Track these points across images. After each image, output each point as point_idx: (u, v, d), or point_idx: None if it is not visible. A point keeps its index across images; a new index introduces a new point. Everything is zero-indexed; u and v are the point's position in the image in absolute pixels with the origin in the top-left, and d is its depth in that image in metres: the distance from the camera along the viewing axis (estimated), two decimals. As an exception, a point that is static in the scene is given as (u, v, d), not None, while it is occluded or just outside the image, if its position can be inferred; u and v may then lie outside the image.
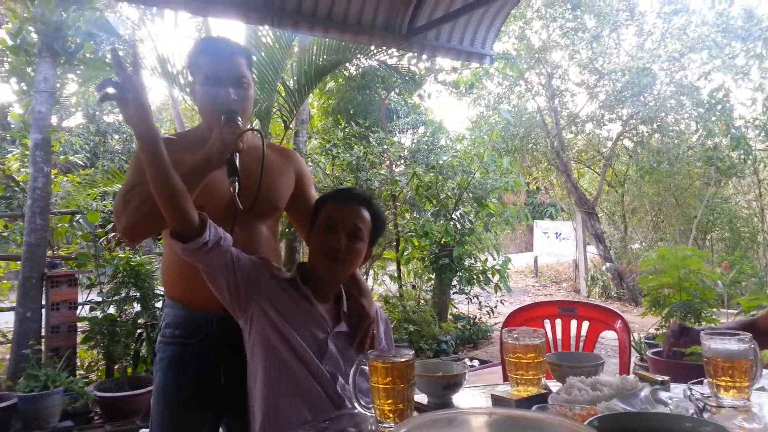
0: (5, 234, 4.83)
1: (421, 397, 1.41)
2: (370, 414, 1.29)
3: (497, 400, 1.34)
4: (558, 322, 2.54)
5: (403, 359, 1.22)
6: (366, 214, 1.66)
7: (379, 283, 6.97)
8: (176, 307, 1.74)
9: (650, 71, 10.47)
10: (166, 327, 1.75)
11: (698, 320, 4.43)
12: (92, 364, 5.03)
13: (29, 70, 4.59)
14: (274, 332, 1.53)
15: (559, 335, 2.51)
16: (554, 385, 1.50)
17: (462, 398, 1.46)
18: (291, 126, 5.80)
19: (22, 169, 5.13)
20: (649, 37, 11.29)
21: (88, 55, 4.91)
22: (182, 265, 1.59)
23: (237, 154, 1.53)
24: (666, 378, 1.43)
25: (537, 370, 1.43)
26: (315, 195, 1.91)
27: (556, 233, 12.69)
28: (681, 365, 4.32)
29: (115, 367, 4.75)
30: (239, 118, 1.58)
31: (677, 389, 1.44)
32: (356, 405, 1.33)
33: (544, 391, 1.37)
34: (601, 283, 11.06)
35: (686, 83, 10.60)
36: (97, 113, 14.03)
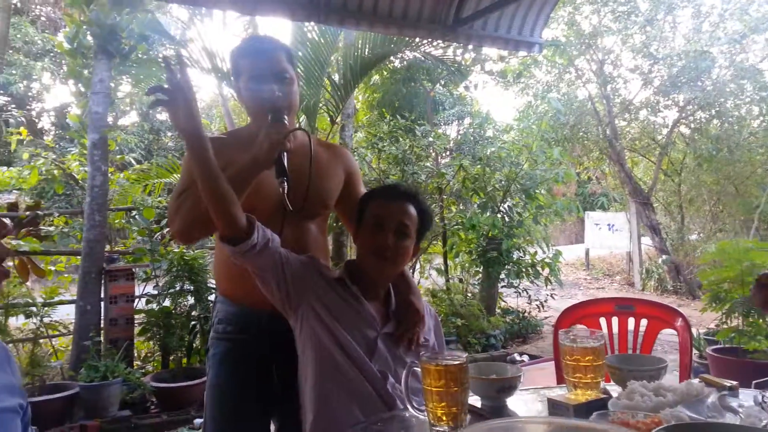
0: (66, 230, 5.02)
1: (474, 399, 1.38)
2: (422, 416, 1.27)
3: (554, 405, 1.29)
4: (614, 319, 2.45)
5: (457, 362, 1.19)
6: (413, 210, 1.64)
7: (426, 276, 6.94)
8: (228, 303, 1.76)
9: (708, 54, 10.02)
10: (218, 323, 1.77)
11: (762, 317, 4.23)
12: (149, 355, 5.20)
13: (86, 72, 4.74)
14: (324, 331, 1.52)
15: (615, 333, 2.42)
16: (613, 389, 1.44)
17: (517, 401, 1.42)
18: (337, 121, 5.82)
19: (81, 168, 5.33)
20: (706, 19, 10.79)
21: (141, 55, 5.05)
22: (233, 262, 1.60)
23: (285, 153, 1.53)
24: (734, 383, 1.36)
25: (596, 374, 1.38)
26: (364, 191, 1.89)
27: (609, 224, 12.32)
28: (744, 363, 4.13)
29: (170, 358, 4.90)
30: (285, 117, 1.59)
31: (745, 394, 1.36)
32: (408, 407, 1.31)
33: (603, 396, 1.32)
34: (657, 276, 10.70)
35: (747, 66, 10.08)
36: (150, 111, 14.44)
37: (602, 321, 2.45)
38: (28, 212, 4.82)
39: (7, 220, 3.49)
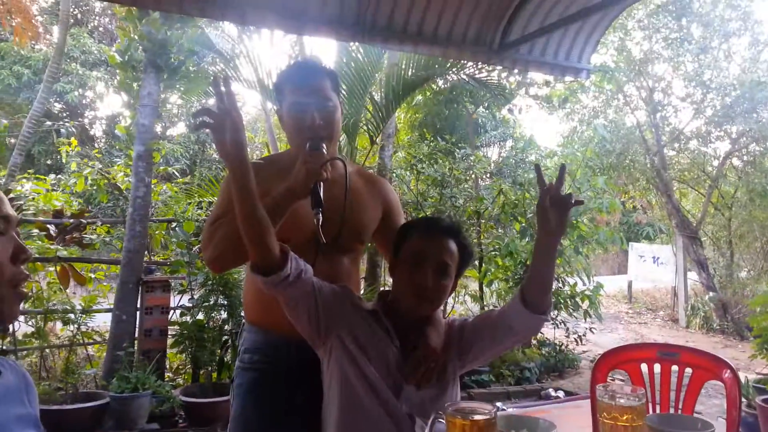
0: (107, 239, 5.12)
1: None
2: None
3: (588, 470, 1.19)
4: (657, 366, 2.31)
5: (484, 417, 1.11)
6: (453, 247, 1.56)
7: (461, 302, 6.80)
8: (254, 332, 1.72)
9: (766, 85, 9.65)
10: (244, 352, 1.73)
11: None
12: (180, 367, 5.22)
13: (135, 85, 4.86)
14: (352, 366, 1.47)
15: (657, 380, 2.28)
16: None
17: (548, 461, 1.33)
18: (377, 141, 5.80)
19: (125, 178, 5.44)
20: (765, 48, 10.42)
21: (191, 68, 5.16)
22: (262, 290, 1.57)
23: (321, 184, 1.50)
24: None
25: (635, 435, 1.27)
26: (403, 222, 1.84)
27: (654, 257, 11.91)
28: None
29: (201, 372, 4.91)
30: (324, 146, 1.55)
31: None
32: (431, 462, 1.24)
33: (643, 462, 1.22)
34: (703, 314, 10.25)
35: (807, 98, 9.66)
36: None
37: (644, 367, 2.31)
38: (72, 220, 4.94)
39: (51, 227, 3.54)
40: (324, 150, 1.54)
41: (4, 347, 4.41)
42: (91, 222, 5.18)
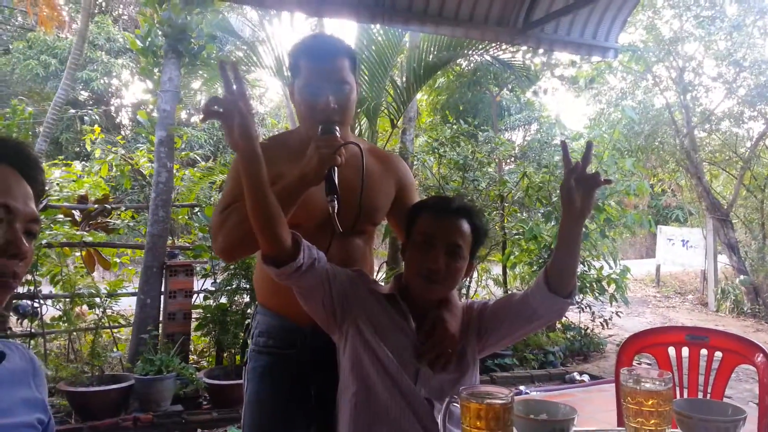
0: (131, 224, 5.18)
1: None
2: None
3: (611, 456, 1.15)
4: (685, 350, 2.24)
5: (500, 401, 1.07)
6: (466, 227, 1.50)
7: (483, 286, 6.74)
8: (269, 315, 1.69)
9: (803, 62, 9.30)
10: (258, 336, 1.70)
11: None
12: (204, 350, 5.28)
13: (156, 71, 4.87)
14: (367, 351, 1.44)
15: (685, 367, 2.21)
16: (681, 439, 1.28)
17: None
18: (398, 124, 5.73)
19: (148, 164, 5.49)
20: (802, 24, 10.04)
21: (213, 54, 5.15)
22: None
23: (335, 169, 1.44)
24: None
25: (660, 420, 1.22)
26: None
27: (683, 240, 11.64)
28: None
29: (224, 355, 4.95)
30: (337, 129, 1.48)
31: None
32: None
33: (668, 449, 1.16)
34: (733, 297, 10.02)
35: None
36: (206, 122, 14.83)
37: (671, 350, 2.24)
38: (96, 205, 5.00)
39: (76, 213, 3.57)
40: (337, 133, 1.48)
41: (32, 330, 4.51)
42: (115, 207, 5.24)
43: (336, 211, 1.42)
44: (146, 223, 5.07)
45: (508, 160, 9.01)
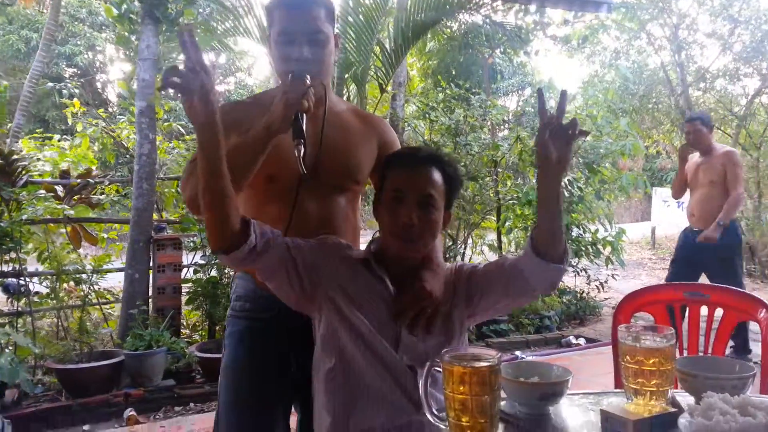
0: (115, 198, 5.05)
1: (511, 406, 1.16)
2: (444, 426, 1.07)
3: (609, 420, 1.06)
4: (684, 309, 2.16)
5: (486, 363, 0.98)
6: (437, 176, 1.40)
7: (478, 252, 6.66)
8: (246, 279, 1.62)
9: (800, 17, 9.12)
10: (236, 299, 1.64)
11: None
12: (197, 324, 5.21)
13: (133, 38, 4.68)
14: (342, 323, 1.35)
15: (685, 327, 2.13)
16: (684, 398, 1.19)
17: (562, 411, 1.19)
18: (387, 89, 5.57)
19: (131, 137, 5.33)
20: (800, -23, 9.82)
21: (191, 19, 4.94)
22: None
23: (304, 115, 1.36)
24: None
25: (662, 380, 1.13)
26: None
27: (678, 202, 11.55)
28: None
29: (216, 328, 4.88)
30: (308, 77, 1.40)
31: None
32: (427, 414, 1.11)
33: (671, 410, 1.08)
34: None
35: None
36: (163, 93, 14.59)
37: (670, 310, 2.16)
38: (79, 180, 4.86)
39: (59, 188, 3.45)
40: (308, 80, 1.39)
41: (19, 309, 4.42)
42: (99, 182, 5.10)
43: (302, 154, 1.34)
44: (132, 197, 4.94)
45: (502, 127, 8.85)
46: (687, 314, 2.15)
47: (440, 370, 1.01)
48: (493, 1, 5.11)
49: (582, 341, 5.28)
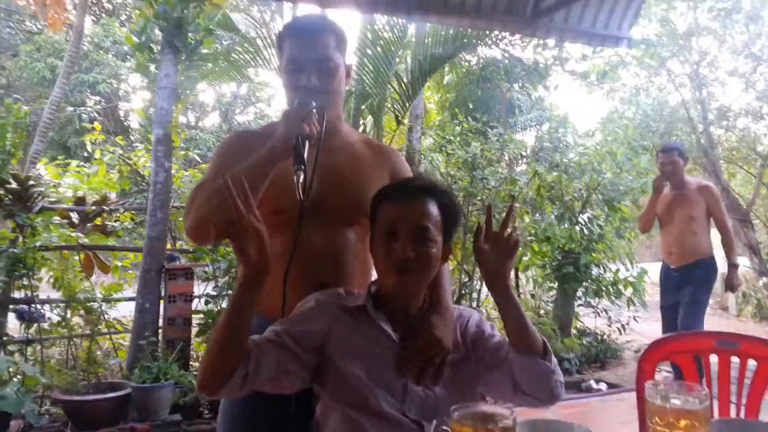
0: (129, 226, 5.04)
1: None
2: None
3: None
4: (713, 357, 2.03)
5: (500, 425, 0.88)
6: (432, 208, 1.31)
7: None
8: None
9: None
10: None
11: None
12: (206, 356, 5.11)
13: (153, 67, 4.73)
14: (346, 380, 1.26)
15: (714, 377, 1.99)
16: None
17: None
18: (404, 121, 5.55)
19: (147, 164, 5.34)
20: (823, 15, 9.75)
21: (210, 49, 5.00)
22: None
23: (306, 141, 1.31)
24: None
25: (696, 446, 1.02)
26: None
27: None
28: None
29: (226, 362, 4.78)
30: (313, 102, 1.37)
31: None
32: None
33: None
34: (755, 301, 9.68)
35: None
36: (229, 113, 14.81)
37: (699, 359, 2.03)
38: (94, 207, 4.87)
39: (74, 215, 3.43)
40: (313, 105, 1.35)
41: (29, 336, 4.37)
42: (114, 210, 5.10)
43: (300, 181, 1.29)
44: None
45: (519, 161, 8.78)
46: (717, 364, 2.02)
47: (448, 429, 0.92)
48: (511, 35, 5.08)
49: (603, 386, 5.08)
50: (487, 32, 5.17)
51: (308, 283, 1.41)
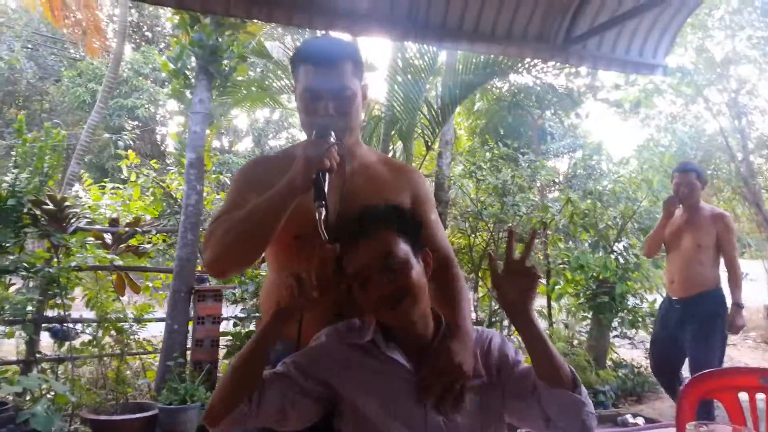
0: (161, 248, 5.10)
1: None
2: None
3: None
4: (759, 395, 1.92)
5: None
6: (386, 237, 1.26)
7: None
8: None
9: None
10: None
11: None
12: (233, 379, 5.10)
13: (187, 92, 4.84)
14: (363, 420, 1.23)
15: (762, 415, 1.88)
16: None
17: None
18: (434, 147, 5.53)
19: (180, 187, 5.43)
20: None
21: (244, 76, 5.10)
22: (282, 295, 1.37)
23: (326, 175, 1.28)
24: None
25: (744, 493, 0.95)
26: (436, 220, 1.58)
27: (743, 273, 10.97)
28: None
29: (253, 385, 4.76)
30: (332, 133, 1.34)
31: None
32: None
33: None
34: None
35: None
36: (261, 138, 15.07)
37: (742, 396, 1.92)
38: (127, 228, 4.95)
39: (107, 236, 3.49)
40: (332, 137, 1.32)
41: (60, 355, 4.43)
42: (146, 231, 5.18)
43: (322, 217, 1.25)
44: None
45: (552, 188, 8.67)
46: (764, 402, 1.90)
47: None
48: (543, 62, 5.05)
49: (640, 420, 4.87)
50: (519, 59, 5.15)
51: (327, 312, 1.38)
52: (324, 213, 1.25)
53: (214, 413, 1.19)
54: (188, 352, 4.69)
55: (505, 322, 5.88)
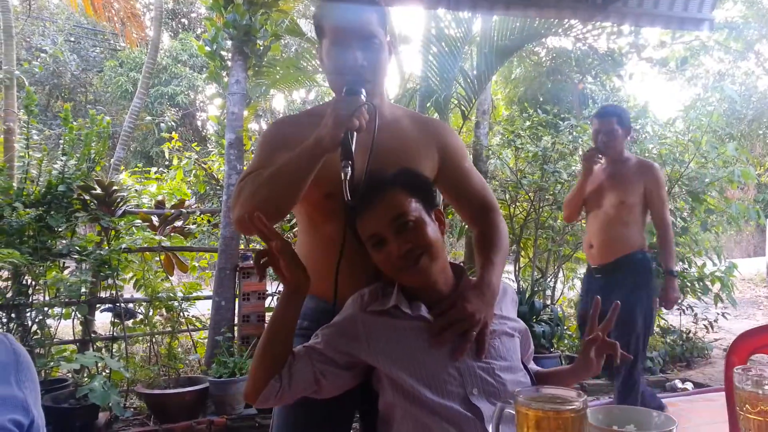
0: (206, 228, 5.22)
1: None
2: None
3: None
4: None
5: (570, 406, 0.82)
6: (396, 197, 1.27)
7: (571, 286, 6.29)
8: (308, 297, 1.54)
9: None
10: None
11: None
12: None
13: (224, 74, 4.89)
14: (401, 387, 1.25)
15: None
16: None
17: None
18: (471, 117, 5.46)
19: (221, 168, 5.54)
20: None
21: (278, 55, 5.13)
22: (315, 255, 1.43)
23: (353, 134, 1.26)
24: None
25: (794, 437, 0.92)
26: (470, 168, 1.58)
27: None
28: None
29: (299, 357, 4.87)
30: (364, 90, 1.32)
31: None
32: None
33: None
34: None
35: None
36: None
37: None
38: (173, 210, 5.08)
39: (154, 218, 3.60)
40: (363, 95, 1.30)
41: (114, 334, 4.62)
42: (191, 212, 5.31)
43: (348, 177, 1.24)
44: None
45: (595, 155, 8.41)
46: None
47: (512, 411, 0.87)
48: (582, 23, 4.89)
49: (689, 386, 4.79)
50: (556, 21, 5.01)
51: (359, 270, 1.39)
52: (350, 173, 1.25)
53: (249, 390, 1.24)
54: (235, 328, 4.82)
55: (548, 292, 5.82)
